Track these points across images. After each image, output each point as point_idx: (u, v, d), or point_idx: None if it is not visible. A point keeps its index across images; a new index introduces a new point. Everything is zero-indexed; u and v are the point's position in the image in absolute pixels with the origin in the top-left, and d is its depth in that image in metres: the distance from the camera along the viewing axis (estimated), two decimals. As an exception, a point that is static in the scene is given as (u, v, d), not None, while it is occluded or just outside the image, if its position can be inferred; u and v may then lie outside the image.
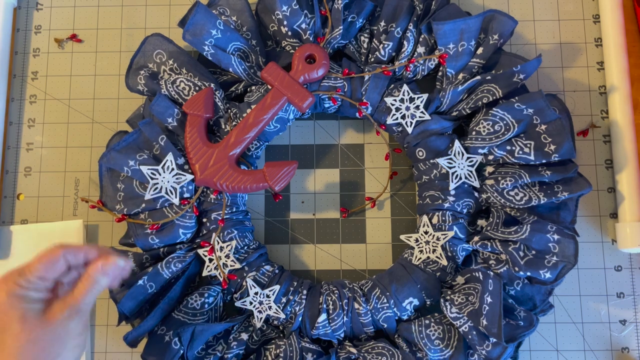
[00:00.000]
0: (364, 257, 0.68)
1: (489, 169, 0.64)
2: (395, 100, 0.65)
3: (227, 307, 0.66)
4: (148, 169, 0.63)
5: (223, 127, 0.65)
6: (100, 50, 0.73)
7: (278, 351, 0.61)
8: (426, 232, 0.64)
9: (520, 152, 0.62)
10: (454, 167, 0.64)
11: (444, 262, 0.63)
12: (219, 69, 0.68)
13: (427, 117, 0.65)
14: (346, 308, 0.62)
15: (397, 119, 0.65)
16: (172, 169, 0.63)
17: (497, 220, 0.63)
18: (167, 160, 0.63)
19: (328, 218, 0.69)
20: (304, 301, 0.63)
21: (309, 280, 0.66)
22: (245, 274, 0.64)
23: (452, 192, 0.63)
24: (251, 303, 0.63)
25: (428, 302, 0.63)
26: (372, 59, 0.67)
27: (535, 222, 0.60)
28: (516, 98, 0.63)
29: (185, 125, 0.64)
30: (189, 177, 0.63)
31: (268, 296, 0.62)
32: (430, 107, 0.65)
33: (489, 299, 0.59)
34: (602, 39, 0.70)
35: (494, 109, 0.63)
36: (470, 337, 0.60)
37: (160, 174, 0.63)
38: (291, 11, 0.65)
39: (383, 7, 0.66)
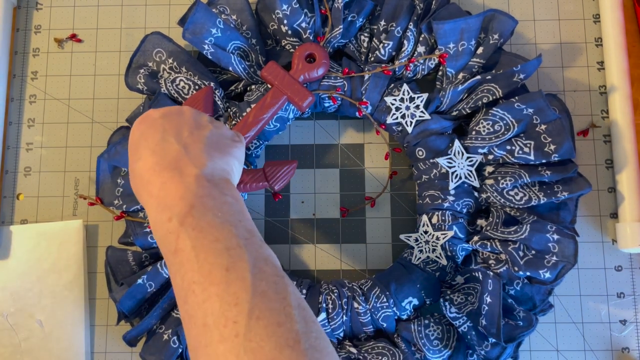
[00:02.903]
0: (364, 257, 0.68)
1: (489, 168, 0.64)
2: (395, 99, 0.65)
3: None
4: None
5: (223, 126, 0.65)
6: (100, 50, 0.73)
7: (277, 351, 0.61)
8: (426, 232, 0.64)
9: (520, 152, 0.62)
10: (454, 166, 0.63)
11: (444, 261, 0.63)
12: (219, 67, 0.68)
13: (427, 116, 0.65)
14: (345, 307, 0.62)
15: (397, 118, 0.65)
16: None
17: (497, 220, 0.62)
18: None
19: (328, 218, 0.69)
20: (303, 300, 0.62)
21: (308, 279, 0.66)
22: (244, 274, 0.63)
23: (452, 192, 0.63)
24: (251, 302, 0.62)
25: (427, 302, 0.63)
26: (372, 59, 0.67)
27: (535, 222, 0.60)
28: (516, 98, 0.63)
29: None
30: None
31: (267, 296, 0.62)
32: (430, 107, 0.65)
33: (489, 299, 0.59)
34: (602, 39, 0.70)
35: (494, 108, 0.63)
36: (469, 337, 0.60)
37: None
38: (291, 10, 0.65)
39: (383, 6, 0.66)
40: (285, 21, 0.65)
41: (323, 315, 0.61)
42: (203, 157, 0.47)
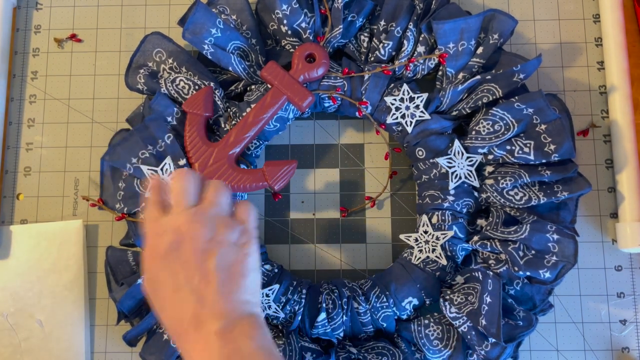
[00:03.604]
0: (364, 257, 0.68)
1: (489, 168, 0.64)
2: (395, 99, 0.65)
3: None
4: (148, 169, 0.63)
5: (223, 126, 0.65)
6: (100, 50, 0.73)
7: (277, 351, 0.61)
8: (426, 232, 0.63)
9: (520, 152, 0.62)
10: (454, 166, 0.63)
11: (444, 261, 0.63)
12: (219, 67, 0.68)
13: (427, 116, 0.65)
14: (345, 307, 0.62)
15: (397, 118, 0.65)
16: (171, 172, 0.63)
17: (497, 220, 0.62)
18: (165, 163, 0.63)
19: (328, 218, 0.69)
20: (303, 300, 0.62)
21: (308, 279, 0.66)
22: (244, 274, 0.63)
23: (452, 192, 0.63)
24: (250, 302, 0.62)
25: (427, 302, 0.63)
26: (372, 58, 0.66)
27: (535, 221, 0.60)
28: (516, 98, 0.63)
29: (184, 124, 0.64)
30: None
31: (267, 295, 0.62)
32: (430, 107, 0.65)
33: (488, 299, 0.59)
34: (602, 39, 0.70)
35: (493, 108, 0.63)
36: (469, 337, 0.59)
37: (160, 175, 0.63)
38: (291, 10, 0.65)
39: (383, 6, 0.66)
40: (285, 21, 0.65)
41: (323, 315, 0.61)
42: (219, 303, 0.47)
